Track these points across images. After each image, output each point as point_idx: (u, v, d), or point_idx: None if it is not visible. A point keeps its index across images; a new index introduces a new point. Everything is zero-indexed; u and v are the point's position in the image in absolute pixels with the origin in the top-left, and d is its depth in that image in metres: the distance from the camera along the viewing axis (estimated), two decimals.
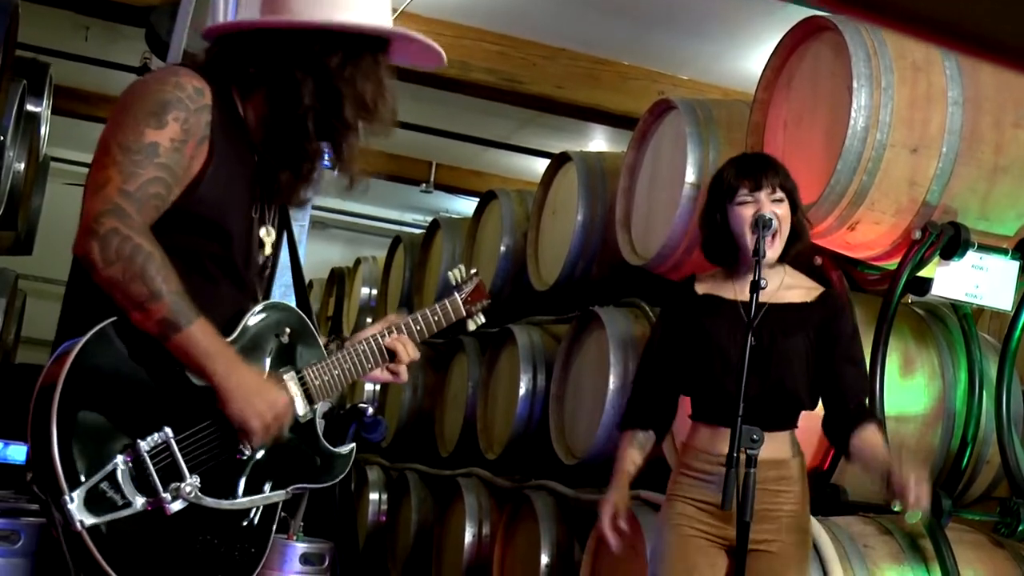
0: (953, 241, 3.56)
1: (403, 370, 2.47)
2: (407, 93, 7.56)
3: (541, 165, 7.54)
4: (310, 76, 2.17)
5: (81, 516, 1.93)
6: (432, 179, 9.68)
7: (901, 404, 3.87)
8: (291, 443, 2.23)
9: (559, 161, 5.57)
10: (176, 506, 2.03)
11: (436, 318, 2.54)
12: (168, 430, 2.04)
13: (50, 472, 1.94)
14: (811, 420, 3.79)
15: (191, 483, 2.04)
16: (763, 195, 3.11)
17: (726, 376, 3.07)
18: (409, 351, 2.45)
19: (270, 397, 2.13)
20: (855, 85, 3.52)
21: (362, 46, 2.22)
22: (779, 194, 3.12)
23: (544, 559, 4.87)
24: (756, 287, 2.87)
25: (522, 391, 5.32)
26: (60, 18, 7.01)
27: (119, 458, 1.99)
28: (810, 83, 3.85)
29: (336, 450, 2.33)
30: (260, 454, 2.17)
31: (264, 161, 2.22)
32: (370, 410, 4.34)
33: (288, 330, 2.26)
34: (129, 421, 2.02)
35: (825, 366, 3.14)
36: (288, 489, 2.23)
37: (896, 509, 3.55)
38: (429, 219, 7.40)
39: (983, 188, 3.62)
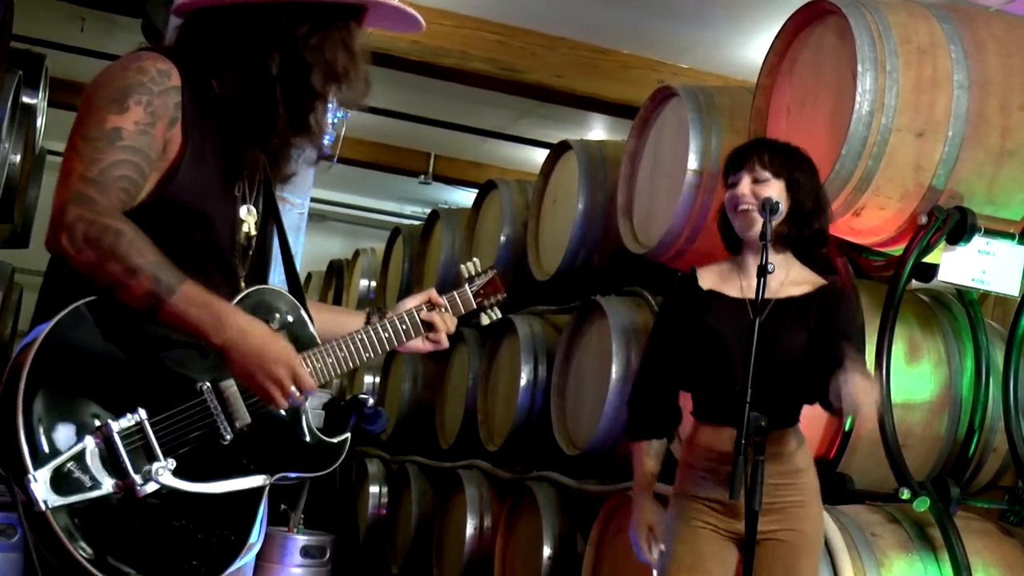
0: (959, 226, 3.53)
1: (443, 338, 2.44)
2: (405, 83, 7.60)
3: (540, 156, 7.50)
4: (276, 48, 2.13)
5: (45, 496, 1.90)
6: (431, 170, 9.65)
7: (907, 391, 3.84)
8: (278, 429, 2.19)
9: (559, 150, 5.54)
10: (148, 488, 1.99)
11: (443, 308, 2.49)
12: (142, 411, 2.00)
13: (14, 450, 1.90)
14: (815, 409, 3.76)
15: (164, 465, 2.00)
16: (744, 176, 3.08)
17: (730, 374, 3.02)
18: (450, 323, 2.45)
19: (274, 345, 2.07)
20: (860, 69, 3.48)
21: (333, 14, 2.18)
22: (764, 174, 3.06)
23: (546, 551, 4.85)
24: (763, 271, 2.83)
25: (523, 382, 5.29)
26: (55, 9, 6.96)
27: (88, 439, 1.96)
28: (813, 68, 3.81)
29: (328, 439, 2.28)
30: (244, 439, 2.12)
31: (237, 138, 2.18)
32: (370, 401, 4.31)
33: (278, 315, 2.22)
34: (101, 402, 1.98)
35: (824, 355, 3.04)
36: (273, 476, 2.17)
37: (904, 497, 3.54)
38: (428, 210, 7.36)
39: (989, 172, 3.58)
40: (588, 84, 6.83)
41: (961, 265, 3.59)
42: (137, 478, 1.97)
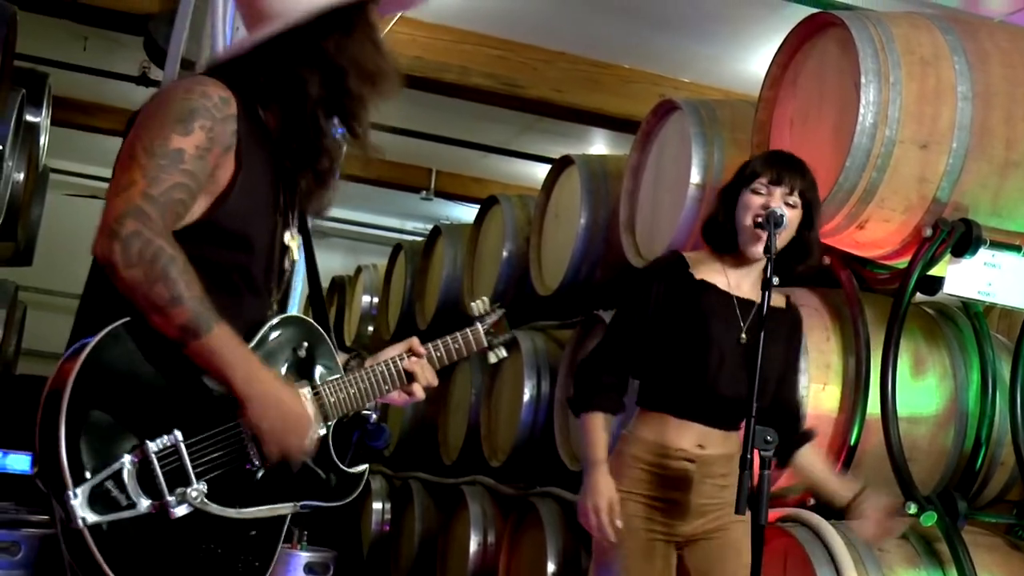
0: (964, 238, 3.52)
1: (418, 390, 2.42)
2: (406, 99, 7.54)
3: (541, 171, 7.50)
4: (314, 68, 2.18)
5: (83, 513, 1.90)
6: (432, 186, 9.66)
7: (912, 405, 3.82)
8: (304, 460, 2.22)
9: (561, 164, 5.54)
10: (181, 511, 1.99)
11: (456, 346, 2.50)
12: (178, 433, 2.01)
13: (56, 467, 1.91)
14: (820, 423, 3.76)
15: (198, 488, 2.01)
16: (779, 191, 3.03)
17: (707, 366, 3.02)
18: (427, 375, 2.42)
19: (293, 409, 2.10)
20: (863, 81, 3.47)
21: (350, 15, 2.21)
22: (795, 198, 3.04)
23: (550, 567, 4.83)
24: (768, 285, 2.81)
25: (526, 397, 5.28)
26: (58, 28, 6.97)
27: (126, 458, 1.96)
28: (816, 80, 3.80)
29: (348, 469, 2.30)
30: (272, 467, 2.14)
31: (285, 166, 2.22)
32: (373, 417, 4.29)
33: (306, 344, 2.24)
34: (139, 421, 1.99)
35: (783, 371, 3.15)
36: (298, 504, 2.20)
37: (911, 512, 3.52)
38: (430, 226, 7.36)
39: (994, 184, 3.57)
40: (589, 99, 6.84)
41: (966, 277, 3.57)
42: (171, 499, 1.98)
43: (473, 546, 5.53)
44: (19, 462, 4.21)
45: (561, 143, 7.94)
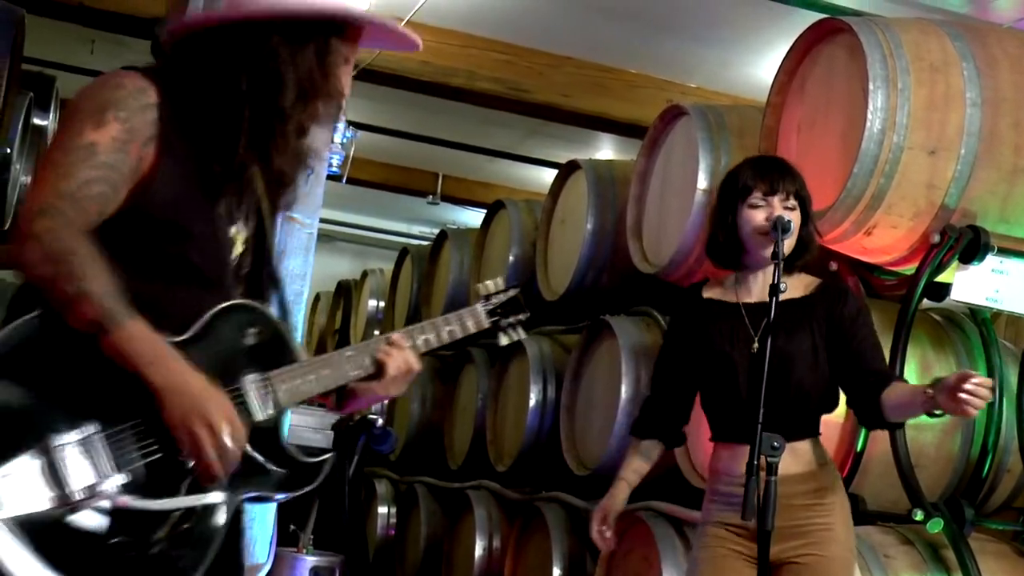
0: (972, 245, 3.51)
1: (388, 384, 2.31)
2: (412, 103, 7.62)
3: (548, 175, 7.50)
4: (248, 63, 2.12)
5: None
6: (439, 190, 9.66)
7: None
8: (246, 448, 2.10)
9: (568, 169, 5.53)
10: (91, 504, 1.93)
11: (450, 328, 2.38)
12: (91, 425, 1.95)
13: None
14: (826, 430, 3.74)
15: (112, 481, 1.95)
16: (776, 200, 3.03)
17: (731, 383, 3.02)
18: (400, 362, 2.29)
19: (206, 402, 2.01)
20: (871, 87, 3.47)
21: (309, 30, 2.15)
22: (792, 201, 3.05)
23: (556, 572, 4.83)
24: (775, 291, 2.80)
25: (532, 402, 5.27)
26: (66, 31, 6.98)
27: (35, 451, 1.91)
28: (824, 86, 3.80)
29: (303, 459, 2.19)
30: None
31: (210, 157, 2.14)
32: (379, 422, 4.29)
33: (255, 330, 2.15)
34: (52, 414, 1.94)
35: (840, 353, 3.05)
36: (236, 494, 2.10)
37: (917, 518, 3.51)
38: (436, 231, 7.36)
39: (1003, 190, 3.57)
40: (595, 103, 6.84)
41: (974, 284, 3.57)
42: (80, 493, 1.92)
43: (479, 551, 5.52)
44: None
45: (568, 148, 7.94)
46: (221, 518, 2.09)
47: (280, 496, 2.22)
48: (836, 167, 3.60)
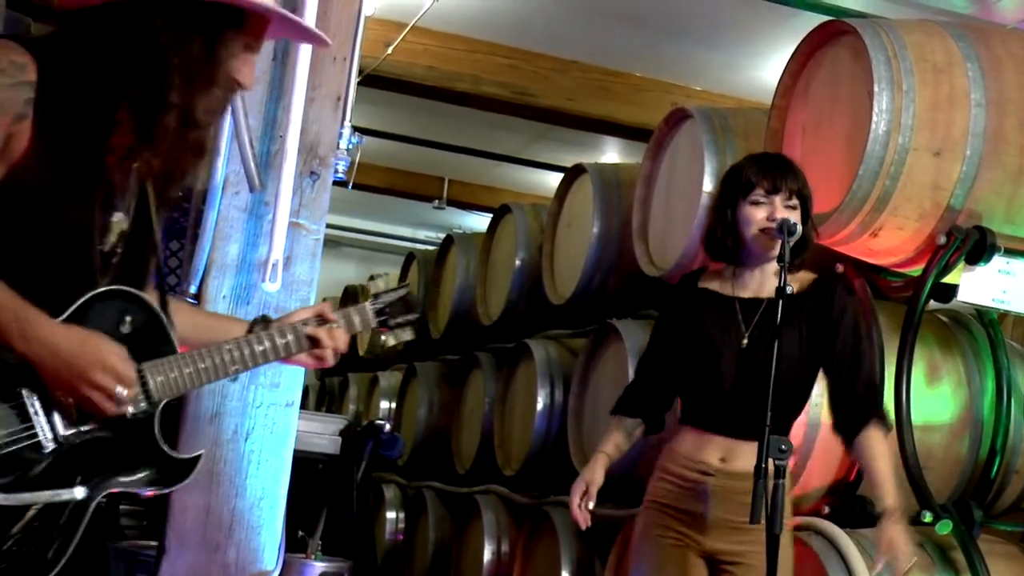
0: (979, 246, 3.51)
1: (328, 355, 2.29)
2: (418, 108, 7.62)
3: (554, 179, 7.50)
4: (132, 45, 2.01)
5: None
6: (445, 195, 9.66)
7: (927, 413, 3.81)
8: (115, 441, 2.03)
9: (574, 173, 5.53)
10: None
11: (335, 326, 2.31)
12: None
13: None
14: (833, 432, 3.74)
15: None
16: (778, 199, 3.05)
17: (714, 373, 3.05)
18: (336, 338, 2.28)
19: (98, 353, 1.95)
20: (876, 88, 3.47)
21: (202, 16, 2.04)
22: (794, 200, 3.07)
23: None
24: (782, 293, 2.80)
25: (539, 406, 5.27)
26: None
27: None
28: (829, 88, 3.80)
29: (176, 455, 2.11)
30: (74, 449, 1.97)
31: (87, 140, 2.06)
32: (387, 427, 4.29)
33: (129, 319, 2.07)
34: None
35: (824, 352, 3.07)
36: (99, 489, 2.02)
37: (926, 520, 3.51)
38: (442, 235, 7.37)
39: (1008, 191, 3.56)
40: (601, 107, 6.83)
41: (981, 285, 3.56)
42: None
43: (487, 555, 5.52)
44: None
45: (573, 152, 7.94)
46: (83, 516, 2.00)
47: (147, 492, 2.13)
48: (841, 169, 3.60)
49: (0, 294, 1.89)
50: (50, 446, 1.95)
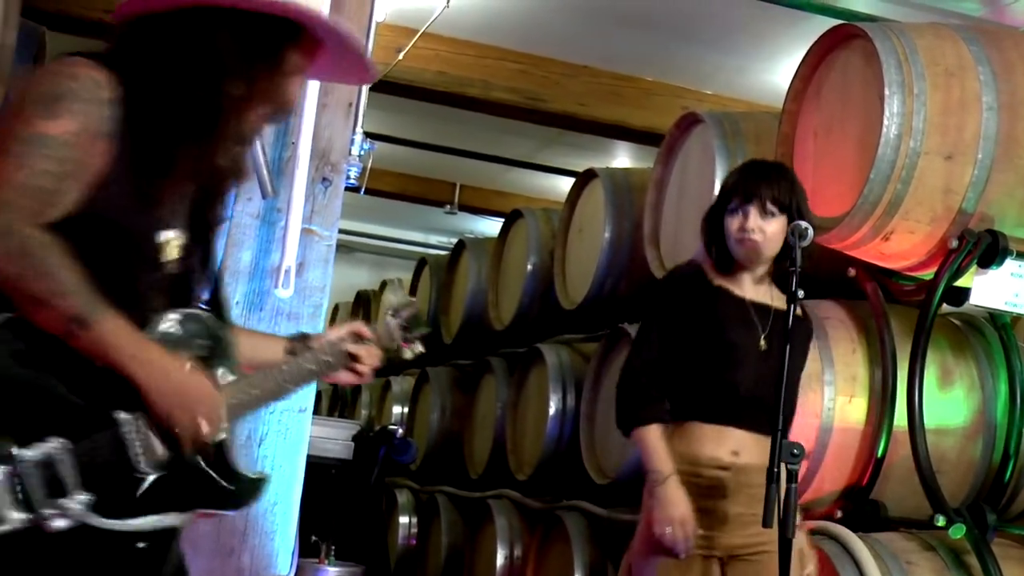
0: (991, 249, 3.50)
1: (367, 371, 2.33)
2: (429, 114, 7.64)
3: (565, 184, 7.51)
4: (198, 60, 2.00)
5: None
6: (456, 200, 9.67)
7: (940, 417, 3.80)
8: (196, 463, 2.04)
9: (585, 178, 5.54)
10: (59, 524, 1.84)
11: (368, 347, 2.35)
12: (57, 440, 1.86)
13: None
14: (847, 436, 3.74)
15: (79, 499, 1.86)
16: (752, 208, 3.05)
17: (735, 375, 3.04)
18: (373, 355, 2.32)
19: (196, 387, 1.96)
20: (887, 92, 3.47)
21: (266, 30, 2.03)
22: (772, 208, 3.05)
23: None
24: (794, 298, 2.80)
25: (552, 411, 5.28)
26: (87, 47, 7.01)
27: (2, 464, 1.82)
28: (840, 92, 3.80)
29: (247, 474, 2.13)
30: (160, 473, 1.97)
31: (164, 159, 2.03)
32: (400, 432, 4.29)
33: (201, 341, 2.07)
34: (12, 428, 1.84)
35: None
36: (190, 513, 2.04)
37: (939, 524, 3.50)
38: (454, 240, 7.38)
39: (1021, 194, 3.56)
40: (612, 112, 6.84)
41: (993, 288, 3.56)
42: (47, 512, 1.83)
43: (500, 560, 5.52)
44: None
45: (584, 156, 7.95)
46: (174, 538, 2.04)
47: (228, 513, 2.15)
48: (853, 173, 3.60)
49: (116, 321, 1.89)
50: (149, 471, 1.95)
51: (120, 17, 2.09)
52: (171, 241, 2.08)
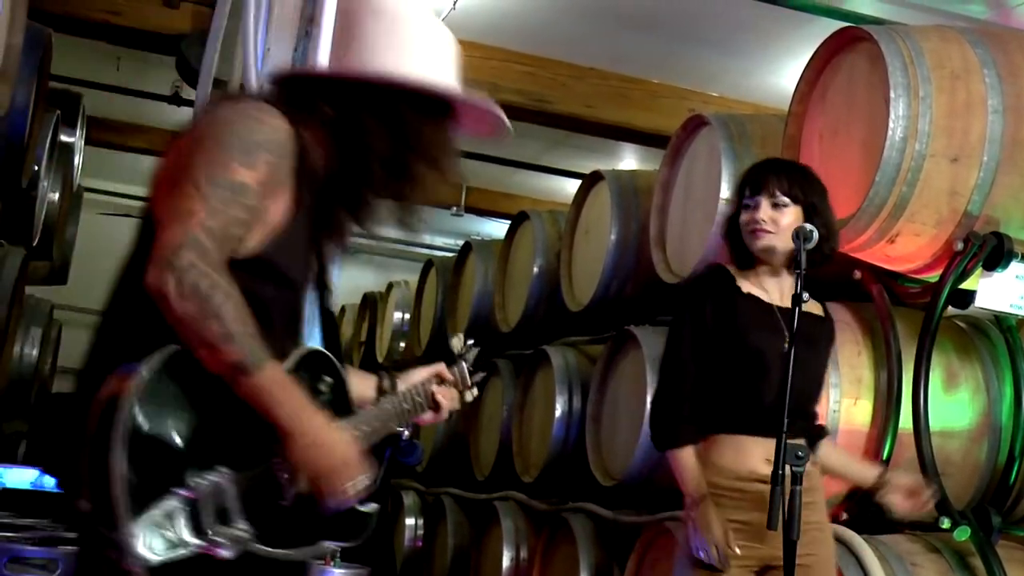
0: (996, 252, 3.50)
1: (443, 414, 2.50)
2: None
3: (571, 186, 7.52)
4: (385, 125, 2.15)
5: (143, 553, 1.78)
6: (463, 202, 9.68)
7: (945, 419, 3.80)
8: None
9: (591, 180, 5.55)
10: (228, 552, 1.87)
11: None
12: (225, 469, 1.91)
13: (109, 499, 1.77)
14: (852, 438, 3.74)
15: (245, 528, 1.90)
16: (763, 199, 3.06)
17: (761, 383, 3.00)
18: (454, 402, 2.51)
19: (341, 453, 2.02)
20: (892, 95, 3.47)
21: (431, 107, 2.20)
22: (782, 199, 3.05)
23: None
24: (798, 300, 2.81)
25: (558, 413, 5.28)
26: (92, 49, 7.06)
27: (179, 493, 1.85)
28: (845, 95, 3.80)
29: (362, 509, 2.19)
30: (300, 505, 2.03)
31: (329, 207, 2.18)
32: (406, 434, 4.30)
33: (327, 379, 2.16)
34: (187, 455, 1.88)
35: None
36: (321, 545, 2.09)
37: (944, 526, 3.50)
38: (460, 242, 7.39)
39: None
40: (618, 114, 6.85)
41: (998, 291, 3.56)
42: (220, 539, 1.87)
43: (506, 561, 5.52)
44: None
45: (591, 158, 7.96)
46: (305, 568, 2.12)
47: (345, 544, 2.21)
48: (858, 175, 3.60)
49: (278, 373, 1.95)
50: (294, 507, 2.00)
51: (285, 78, 2.25)
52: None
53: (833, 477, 3.31)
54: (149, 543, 1.79)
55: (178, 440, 1.87)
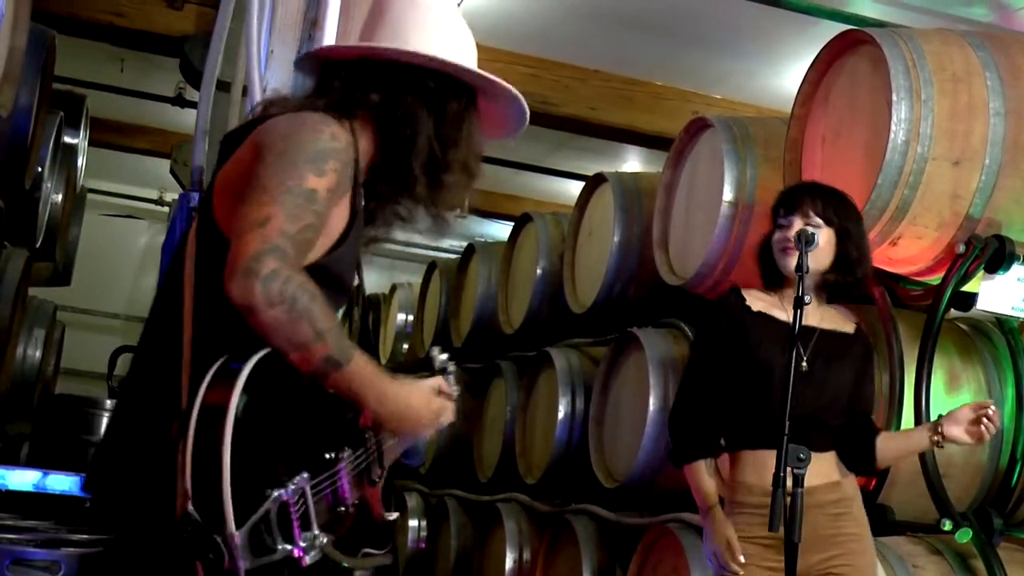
0: (998, 254, 3.51)
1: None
2: None
3: (575, 188, 7.52)
4: (432, 115, 2.19)
5: (245, 558, 1.79)
6: (466, 204, 9.65)
7: None
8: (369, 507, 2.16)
9: (594, 182, 5.55)
10: (310, 558, 1.89)
11: None
12: (306, 475, 1.94)
13: (218, 500, 1.79)
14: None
15: (325, 535, 1.92)
16: (797, 219, 3.11)
17: (772, 396, 3.02)
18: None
19: (421, 405, 2.12)
20: (895, 98, 3.47)
21: (467, 95, 2.25)
22: (816, 220, 3.10)
23: None
24: (800, 303, 2.82)
25: (561, 414, 5.28)
26: (96, 50, 7.07)
27: (274, 497, 1.86)
28: (848, 97, 3.81)
29: (388, 516, 2.25)
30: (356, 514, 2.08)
31: (376, 203, 2.23)
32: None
33: None
34: (280, 460, 1.91)
35: (853, 391, 3.19)
36: (368, 560, 2.14)
37: (946, 528, 3.51)
38: (464, 244, 7.39)
39: None
40: (621, 116, 6.85)
41: (1000, 293, 3.56)
42: (304, 545, 1.89)
43: (509, 563, 5.53)
44: (59, 482, 4.25)
45: (594, 160, 7.96)
46: None
47: (381, 552, 2.23)
48: (861, 178, 3.61)
49: (364, 360, 1.99)
50: (349, 511, 2.06)
51: (320, 61, 2.27)
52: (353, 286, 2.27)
53: (902, 461, 3.37)
54: (249, 546, 1.81)
55: (272, 446, 1.90)
